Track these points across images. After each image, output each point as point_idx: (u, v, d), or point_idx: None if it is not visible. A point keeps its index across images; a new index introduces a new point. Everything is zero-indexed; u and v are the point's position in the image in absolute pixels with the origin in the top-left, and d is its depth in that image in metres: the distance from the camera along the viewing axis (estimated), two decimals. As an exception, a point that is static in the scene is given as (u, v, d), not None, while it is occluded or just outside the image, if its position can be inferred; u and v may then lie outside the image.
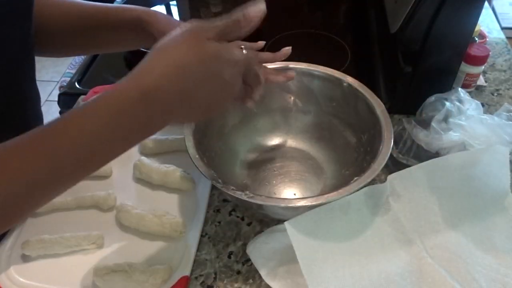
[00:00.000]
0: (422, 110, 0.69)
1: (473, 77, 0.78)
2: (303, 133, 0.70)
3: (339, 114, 0.67)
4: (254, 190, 0.64)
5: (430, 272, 0.52)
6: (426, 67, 0.70)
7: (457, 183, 0.58)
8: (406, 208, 0.57)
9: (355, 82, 0.64)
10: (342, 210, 0.54)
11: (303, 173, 0.67)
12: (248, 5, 0.49)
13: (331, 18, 1.09)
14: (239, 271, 0.56)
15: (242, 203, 0.60)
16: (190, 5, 1.11)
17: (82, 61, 0.92)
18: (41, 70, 2.37)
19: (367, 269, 0.52)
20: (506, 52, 0.92)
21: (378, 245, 0.54)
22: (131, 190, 0.66)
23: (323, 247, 0.52)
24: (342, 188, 0.52)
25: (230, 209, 0.63)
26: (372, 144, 0.59)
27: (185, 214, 0.61)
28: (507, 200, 0.58)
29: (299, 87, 0.69)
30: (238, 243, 0.59)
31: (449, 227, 0.57)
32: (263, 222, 0.61)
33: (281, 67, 0.68)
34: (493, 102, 0.81)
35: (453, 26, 0.65)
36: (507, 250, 0.55)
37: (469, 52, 0.75)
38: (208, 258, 0.58)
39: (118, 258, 0.55)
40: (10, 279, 0.54)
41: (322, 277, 0.50)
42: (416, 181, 0.58)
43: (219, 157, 0.64)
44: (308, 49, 0.96)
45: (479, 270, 0.53)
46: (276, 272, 0.53)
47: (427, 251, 0.55)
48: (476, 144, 0.61)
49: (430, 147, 0.63)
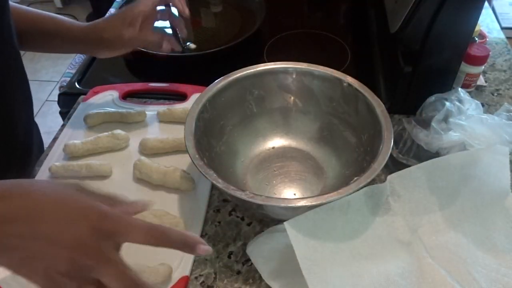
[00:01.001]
0: (422, 110, 0.69)
1: (473, 77, 0.78)
2: (303, 133, 0.70)
3: (339, 114, 0.67)
4: (254, 190, 0.64)
5: (430, 272, 0.52)
6: (426, 67, 0.70)
7: (457, 183, 0.58)
8: (406, 208, 0.57)
9: (355, 82, 0.64)
10: (342, 210, 0.54)
11: (303, 173, 0.67)
12: (139, 201, 0.43)
13: (331, 18, 1.09)
14: (239, 271, 0.56)
15: (242, 203, 0.60)
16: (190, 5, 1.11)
17: (82, 61, 0.92)
18: (41, 70, 2.37)
19: (367, 269, 0.52)
20: (506, 52, 0.92)
21: (378, 245, 0.54)
22: (131, 190, 0.65)
23: (323, 247, 0.52)
24: (342, 188, 0.52)
25: (230, 209, 0.63)
26: (372, 144, 0.59)
27: (185, 214, 0.61)
28: (507, 200, 0.58)
29: (299, 87, 0.69)
30: (238, 243, 0.59)
31: (449, 227, 0.57)
32: (263, 222, 0.61)
33: (281, 67, 0.68)
34: (493, 102, 0.81)
35: (453, 26, 0.65)
36: (507, 250, 0.55)
37: (469, 52, 0.75)
38: (208, 258, 0.58)
39: (118, 258, 0.55)
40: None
41: (322, 277, 0.50)
42: (416, 181, 0.58)
43: (219, 157, 0.64)
44: (308, 49, 0.96)
45: (479, 270, 0.53)
46: (276, 272, 0.53)
47: (427, 251, 0.55)
48: (476, 144, 0.61)
49: (430, 147, 0.63)
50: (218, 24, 1.03)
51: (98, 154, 0.70)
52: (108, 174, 0.67)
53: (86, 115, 0.75)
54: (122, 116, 0.75)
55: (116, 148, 0.71)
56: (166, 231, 0.40)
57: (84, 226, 0.37)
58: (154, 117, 0.77)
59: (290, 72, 0.68)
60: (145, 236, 0.40)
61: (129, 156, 0.70)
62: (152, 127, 0.76)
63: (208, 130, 0.63)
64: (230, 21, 1.01)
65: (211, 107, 0.64)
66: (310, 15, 1.11)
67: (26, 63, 0.70)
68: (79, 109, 0.78)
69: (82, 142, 0.70)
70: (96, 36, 0.68)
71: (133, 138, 0.72)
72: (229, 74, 0.66)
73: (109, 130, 0.71)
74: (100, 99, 0.80)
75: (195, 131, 0.59)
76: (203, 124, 0.61)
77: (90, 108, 0.77)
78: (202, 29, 1.01)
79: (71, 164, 0.67)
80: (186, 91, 0.80)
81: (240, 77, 0.66)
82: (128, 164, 0.68)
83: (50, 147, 0.73)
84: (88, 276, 0.37)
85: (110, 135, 0.70)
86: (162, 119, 0.76)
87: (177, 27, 0.74)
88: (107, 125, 0.75)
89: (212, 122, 0.64)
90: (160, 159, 0.68)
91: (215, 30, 1.00)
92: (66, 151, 0.69)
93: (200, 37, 0.97)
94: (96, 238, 0.37)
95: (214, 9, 1.06)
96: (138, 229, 0.39)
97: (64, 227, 0.37)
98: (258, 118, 0.70)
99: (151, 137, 0.70)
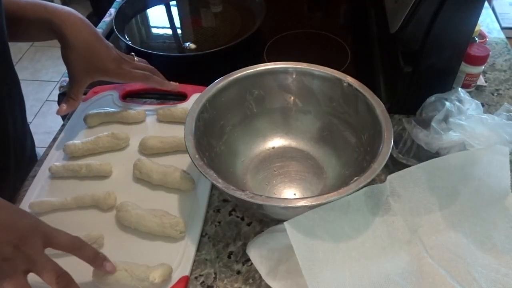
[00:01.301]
0: (422, 110, 0.69)
1: (473, 77, 0.78)
2: (303, 133, 0.70)
3: (339, 114, 0.67)
4: (254, 190, 0.64)
5: (430, 272, 0.52)
6: (426, 67, 0.70)
7: (457, 183, 0.58)
8: (406, 208, 0.57)
9: (355, 82, 0.64)
10: (342, 210, 0.54)
11: (303, 173, 0.67)
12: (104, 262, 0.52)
13: (331, 18, 1.09)
14: (239, 271, 0.56)
15: (242, 203, 0.60)
16: (190, 5, 1.11)
17: (82, 61, 0.92)
18: (41, 70, 2.37)
19: (367, 269, 0.52)
20: (506, 52, 0.92)
21: (378, 245, 0.54)
22: (131, 190, 0.66)
23: (323, 247, 0.52)
24: (342, 188, 0.52)
25: (230, 209, 0.63)
26: (372, 144, 0.59)
27: (185, 214, 0.61)
28: (507, 200, 0.58)
29: (299, 87, 0.69)
30: (238, 243, 0.59)
31: (449, 227, 0.57)
32: (263, 222, 0.61)
33: (281, 67, 0.68)
34: (493, 102, 0.81)
35: (453, 26, 0.65)
36: (507, 250, 0.55)
37: (469, 52, 0.75)
38: (208, 258, 0.58)
39: (118, 258, 0.55)
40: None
41: (322, 277, 0.50)
42: (416, 181, 0.58)
43: (219, 157, 0.64)
44: (308, 49, 0.96)
45: (479, 270, 0.53)
46: (276, 272, 0.53)
47: (427, 251, 0.55)
48: (476, 144, 0.61)
49: (430, 147, 0.63)
50: (218, 24, 1.03)
51: (98, 154, 0.70)
52: (108, 174, 0.67)
53: (86, 115, 0.75)
54: (122, 116, 0.75)
55: (116, 148, 0.71)
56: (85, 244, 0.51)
57: (27, 223, 0.46)
58: (154, 117, 0.77)
59: (290, 72, 0.68)
60: (69, 243, 0.50)
61: (129, 156, 0.70)
62: (152, 127, 0.76)
63: (208, 130, 0.63)
64: (230, 21, 1.01)
65: (211, 107, 0.64)
66: (310, 15, 1.10)
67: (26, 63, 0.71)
68: (79, 109, 0.78)
69: (82, 142, 0.70)
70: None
71: (133, 138, 0.72)
72: (229, 74, 0.66)
73: (109, 130, 0.71)
74: (100, 99, 0.80)
75: (195, 131, 0.59)
76: (203, 124, 0.61)
77: (90, 108, 0.77)
78: (202, 29, 1.01)
79: (71, 164, 0.67)
80: (186, 91, 0.80)
81: (240, 77, 0.66)
82: (128, 164, 0.68)
83: (50, 147, 0.73)
84: (23, 266, 0.45)
85: (110, 135, 0.70)
86: (162, 119, 0.76)
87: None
88: (107, 125, 0.75)
89: (212, 122, 0.64)
90: (160, 159, 0.68)
91: (215, 30, 1.00)
92: (66, 151, 0.69)
93: (200, 37, 0.97)
94: (35, 234, 0.46)
95: (214, 9, 1.06)
96: (65, 236, 0.49)
97: (16, 219, 0.46)
98: (258, 118, 0.70)
99: (151, 137, 0.70)
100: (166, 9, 1.07)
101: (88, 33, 0.68)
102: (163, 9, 1.07)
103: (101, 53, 0.69)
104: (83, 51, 0.67)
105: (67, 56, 0.68)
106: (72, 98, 0.70)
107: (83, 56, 0.68)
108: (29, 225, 0.46)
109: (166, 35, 1.01)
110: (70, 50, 0.67)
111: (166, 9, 1.07)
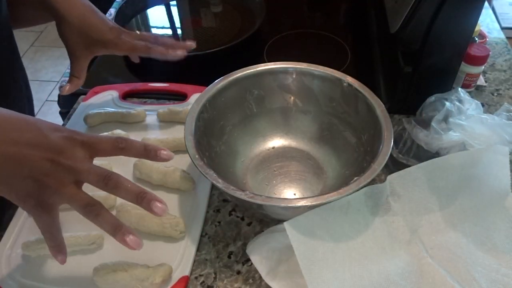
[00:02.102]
0: (422, 110, 0.69)
1: (473, 77, 0.78)
2: (303, 133, 0.70)
3: (339, 114, 0.67)
4: (254, 190, 0.64)
5: (430, 272, 0.52)
6: (426, 67, 0.70)
7: (457, 183, 0.58)
8: (406, 208, 0.57)
9: (355, 82, 0.64)
10: (342, 210, 0.54)
11: (303, 173, 0.67)
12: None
13: (331, 18, 1.09)
14: (239, 271, 0.56)
15: (242, 203, 0.60)
16: (190, 5, 1.11)
17: (82, 61, 0.92)
18: (41, 70, 2.37)
19: (367, 269, 0.52)
20: (506, 52, 0.92)
21: (378, 245, 0.54)
22: (131, 190, 0.65)
23: (323, 247, 0.52)
24: (342, 188, 0.52)
25: (230, 209, 0.63)
26: (372, 144, 0.59)
27: (185, 214, 0.61)
28: (507, 200, 0.58)
29: (299, 87, 0.69)
30: (238, 243, 0.59)
31: (449, 227, 0.57)
32: (263, 222, 0.61)
33: (281, 67, 0.68)
34: (493, 102, 0.81)
35: (453, 26, 0.65)
36: (507, 250, 0.55)
37: (469, 52, 0.75)
38: (208, 258, 0.58)
39: (118, 258, 0.55)
40: (10, 279, 0.54)
41: (322, 277, 0.50)
42: (416, 181, 0.58)
43: (219, 157, 0.64)
44: (308, 49, 0.96)
45: (479, 270, 0.53)
46: (276, 272, 0.53)
47: (427, 251, 0.55)
48: (476, 144, 0.61)
49: (430, 147, 0.63)
50: (218, 24, 1.03)
51: (98, 154, 0.70)
52: (108, 174, 0.67)
53: (86, 115, 0.75)
54: (122, 116, 0.75)
55: (116, 148, 0.71)
56: (130, 140, 0.49)
57: (60, 136, 0.45)
58: (154, 117, 0.77)
59: (290, 72, 0.68)
60: (112, 146, 0.48)
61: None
62: (152, 127, 0.76)
63: (208, 130, 0.63)
64: (230, 21, 1.01)
65: (211, 107, 0.64)
66: (310, 15, 1.10)
67: (26, 63, 0.71)
68: (79, 109, 0.78)
69: (82, 142, 0.70)
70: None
71: (133, 138, 0.72)
72: (229, 74, 0.66)
73: (109, 130, 0.71)
74: (100, 99, 0.80)
75: (195, 131, 0.59)
76: (203, 124, 0.61)
77: (90, 108, 0.77)
78: (202, 29, 1.01)
79: (71, 164, 0.67)
80: (186, 91, 0.80)
81: (240, 77, 0.66)
82: (128, 164, 0.67)
83: (50, 147, 0.73)
84: (70, 177, 0.45)
85: (110, 135, 0.70)
86: (162, 119, 0.76)
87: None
88: (107, 125, 0.75)
89: (212, 122, 0.64)
90: (160, 159, 0.68)
91: (215, 30, 1.00)
92: (66, 151, 0.69)
93: (200, 37, 0.98)
94: (73, 146, 0.45)
95: (214, 9, 1.06)
96: (106, 140, 0.48)
97: (44, 135, 0.45)
98: (258, 118, 0.70)
99: (151, 137, 0.70)
100: (166, 9, 1.07)
101: (82, 5, 0.66)
102: (163, 9, 1.07)
103: (98, 25, 0.67)
104: (78, 25, 0.65)
105: (63, 32, 0.66)
106: (75, 76, 0.68)
107: (79, 30, 0.66)
108: (62, 137, 0.45)
109: (166, 35, 1.01)
110: (65, 25, 0.65)
111: (166, 9, 1.07)
